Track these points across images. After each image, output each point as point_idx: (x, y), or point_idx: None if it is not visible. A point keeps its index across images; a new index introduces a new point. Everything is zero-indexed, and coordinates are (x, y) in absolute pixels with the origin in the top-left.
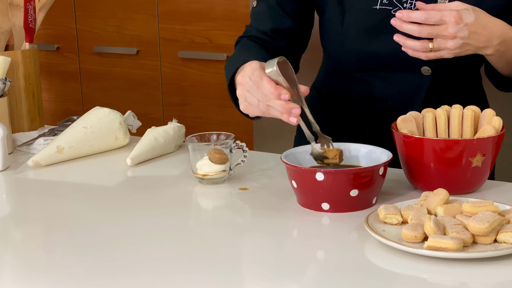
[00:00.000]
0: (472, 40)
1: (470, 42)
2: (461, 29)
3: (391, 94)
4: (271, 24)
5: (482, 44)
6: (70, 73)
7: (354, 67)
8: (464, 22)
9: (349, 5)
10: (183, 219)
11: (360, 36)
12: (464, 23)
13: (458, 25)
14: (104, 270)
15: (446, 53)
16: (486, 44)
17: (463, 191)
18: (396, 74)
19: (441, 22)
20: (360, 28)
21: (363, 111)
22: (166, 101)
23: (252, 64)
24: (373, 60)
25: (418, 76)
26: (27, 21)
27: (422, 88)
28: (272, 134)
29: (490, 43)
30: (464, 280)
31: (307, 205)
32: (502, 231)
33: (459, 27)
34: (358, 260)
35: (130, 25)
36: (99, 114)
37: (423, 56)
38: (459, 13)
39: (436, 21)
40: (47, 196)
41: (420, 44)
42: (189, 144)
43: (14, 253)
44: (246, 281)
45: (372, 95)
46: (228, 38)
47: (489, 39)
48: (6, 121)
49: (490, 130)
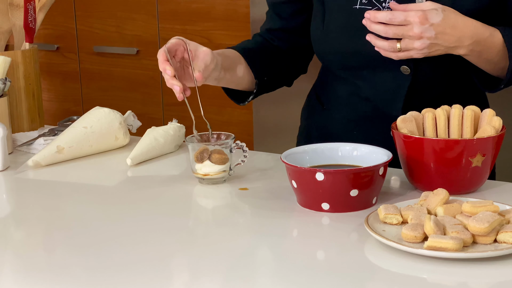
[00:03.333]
0: (440, 40)
1: (438, 42)
2: (426, 29)
3: (374, 93)
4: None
5: (452, 44)
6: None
7: (338, 66)
8: (430, 22)
9: (329, 5)
10: (183, 219)
11: (341, 35)
12: (429, 23)
13: (423, 25)
14: (104, 270)
15: (415, 53)
16: (457, 44)
17: (463, 191)
18: (378, 73)
19: (406, 22)
20: (340, 28)
21: (349, 110)
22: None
23: (172, 39)
24: (355, 59)
25: (398, 75)
26: (27, 21)
27: (402, 87)
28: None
29: (460, 43)
30: (464, 280)
31: (307, 205)
32: (502, 231)
33: (424, 27)
34: (358, 260)
35: (130, 25)
36: (99, 114)
37: (394, 56)
38: (425, 13)
39: (400, 22)
40: (47, 196)
41: (388, 44)
42: (189, 144)
43: (14, 253)
44: (246, 281)
45: (357, 94)
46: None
47: (459, 39)
48: (6, 121)
49: (490, 130)
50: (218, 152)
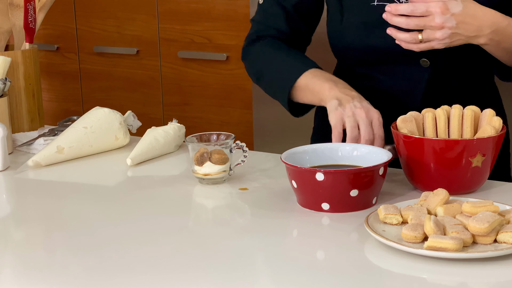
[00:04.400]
0: (461, 29)
1: (459, 32)
2: (448, 19)
3: (393, 87)
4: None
5: (473, 34)
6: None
7: (355, 62)
8: (451, 12)
9: (347, 2)
10: (183, 219)
11: (359, 32)
12: (450, 13)
13: (445, 15)
14: (104, 270)
15: (436, 44)
16: (477, 33)
17: (463, 191)
18: (397, 67)
19: (427, 13)
20: (359, 24)
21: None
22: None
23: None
24: (374, 55)
25: (417, 68)
26: (27, 21)
27: (422, 80)
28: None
29: (481, 32)
30: (464, 280)
31: (307, 205)
32: (502, 231)
33: (446, 17)
34: (358, 260)
35: (130, 25)
36: (99, 114)
37: (415, 47)
38: (445, 3)
39: (422, 13)
40: (47, 196)
41: (410, 36)
42: (189, 144)
43: (14, 253)
44: (246, 281)
45: (375, 89)
46: (228, 38)
47: (479, 28)
48: (6, 121)
49: (490, 130)
50: (218, 152)
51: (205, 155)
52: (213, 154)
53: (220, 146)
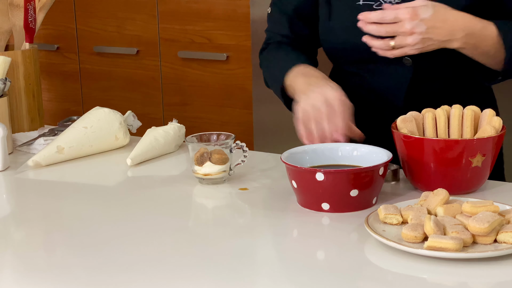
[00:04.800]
0: (432, 34)
1: (430, 37)
2: (417, 25)
3: (379, 85)
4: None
5: (445, 38)
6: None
7: (344, 61)
8: (420, 17)
9: (335, 2)
10: (183, 219)
11: (346, 31)
12: (420, 18)
13: (414, 21)
14: (104, 270)
15: (409, 50)
16: (449, 37)
17: (463, 191)
18: (382, 66)
19: (396, 19)
20: (345, 24)
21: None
22: (166, 101)
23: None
24: (359, 54)
25: (400, 66)
26: (27, 21)
27: (405, 78)
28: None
29: (453, 36)
30: (464, 280)
31: (307, 205)
32: (502, 231)
33: (415, 23)
34: (358, 260)
35: (130, 25)
36: (99, 114)
37: (389, 54)
38: (415, 9)
39: (391, 19)
40: (47, 196)
41: (383, 43)
42: (189, 144)
43: (14, 253)
44: (246, 281)
45: (362, 87)
46: (228, 38)
47: (451, 32)
48: (6, 121)
49: (490, 130)
50: (218, 152)
51: (205, 155)
52: (213, 154)
53: (220, 146)
